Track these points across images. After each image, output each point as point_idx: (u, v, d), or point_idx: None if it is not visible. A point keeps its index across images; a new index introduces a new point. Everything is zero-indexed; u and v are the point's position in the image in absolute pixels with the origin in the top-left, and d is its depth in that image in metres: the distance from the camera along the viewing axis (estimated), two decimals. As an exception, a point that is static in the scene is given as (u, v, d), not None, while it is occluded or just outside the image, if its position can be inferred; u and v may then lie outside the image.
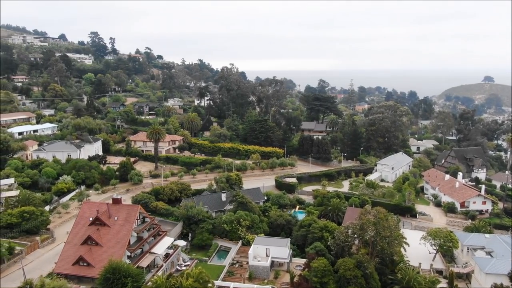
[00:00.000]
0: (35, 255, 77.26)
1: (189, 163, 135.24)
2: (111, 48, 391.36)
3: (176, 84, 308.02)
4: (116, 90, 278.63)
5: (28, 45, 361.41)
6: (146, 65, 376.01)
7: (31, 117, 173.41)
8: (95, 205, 71.26)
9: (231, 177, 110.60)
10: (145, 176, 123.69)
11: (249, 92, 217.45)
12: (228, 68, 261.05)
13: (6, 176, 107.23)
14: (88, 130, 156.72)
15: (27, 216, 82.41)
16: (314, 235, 79.74)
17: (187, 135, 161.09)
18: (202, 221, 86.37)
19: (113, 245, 65.15)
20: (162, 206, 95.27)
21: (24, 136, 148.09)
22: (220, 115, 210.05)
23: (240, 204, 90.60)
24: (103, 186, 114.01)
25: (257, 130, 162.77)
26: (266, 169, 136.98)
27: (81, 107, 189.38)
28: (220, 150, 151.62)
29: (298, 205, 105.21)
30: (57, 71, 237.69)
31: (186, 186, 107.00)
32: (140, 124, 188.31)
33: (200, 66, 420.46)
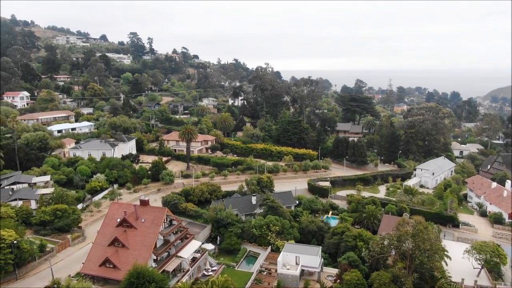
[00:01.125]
0: (66, 253, 77.92)
1: (221, 164, 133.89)
2: (149, 48, 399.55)
3: (211, 84, 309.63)
4: (153, 89, 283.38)
5: (71, 45, 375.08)
6: (182, 65, 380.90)
7: (70, 116, 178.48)
8: (123, 206, 70.70)
9: (262, 180, 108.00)
10: (176, 176, 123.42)
11: (284, 92, 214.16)
12: (262, 67, 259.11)
13: (43, 173, 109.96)
14: (123, 129, 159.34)
15: (59, 214, 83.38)
16: (347, 244, 75.70)
17: (220, 135, 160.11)
18: (231, 224, 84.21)
19: (139, 247, 64.15)
20: (192, 208, 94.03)
21: (63, 134, 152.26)
22: (254, 115, 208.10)
23: (270, 208, 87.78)
24: (135, 185, 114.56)
25: (290, 131, 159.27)
26: (299, 172, 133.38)
27: (118, 106, 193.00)
28: (252, 151, 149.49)
29: (331, 211, 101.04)
30: (96, 71, 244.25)
31: (216, 188, 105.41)
32: (174, 123, 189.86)
33: (235, 66, 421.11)
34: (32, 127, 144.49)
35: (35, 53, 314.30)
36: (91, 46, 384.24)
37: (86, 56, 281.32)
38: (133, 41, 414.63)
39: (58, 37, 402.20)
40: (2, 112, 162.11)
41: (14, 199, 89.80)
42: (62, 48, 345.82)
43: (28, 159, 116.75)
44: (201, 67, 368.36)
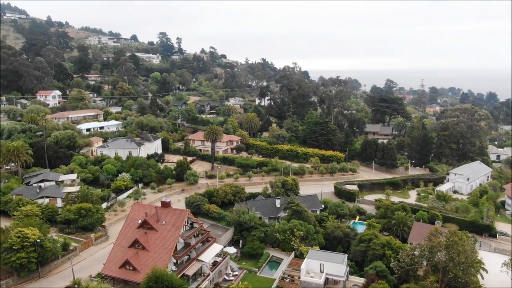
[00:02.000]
0: (88, 253, 78.10)
1: (246, 165, 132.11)
2: (178, 47, 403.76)
3: (238, 83, 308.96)
4: (180, 89, 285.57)
5: (102, 45, 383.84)
6: (210, 64, 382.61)
7: (99, 114, 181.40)
8: (144, 207, 69.89)
9: (287, 182, 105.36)
10: (200, 177, 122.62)
11: (311, 92, 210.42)
12: (290, 67, 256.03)
13: (71, 171, 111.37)
14: (150, 128, 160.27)
15: (83, 212, 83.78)
16: (374, 252, 72.07)
17: (245, 135, 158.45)
18: (254, 228, 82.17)
19: (160, 250, 63.02)
20: (215, 210, 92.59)
21: (91, 133, 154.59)
22: (280, 115, 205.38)
23: (294, 212, 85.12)
24: (160, 185, 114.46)
25: (317, 132, 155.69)
26: (325, 174, 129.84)
27: (145, 105, 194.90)
28: (278, 152, 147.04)
29: (358, 216, 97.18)
30: (125, 70, 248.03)
31: (240, 189, 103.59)
32: (200, 123, 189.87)
33: (262, 65, 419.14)
34: (62, 126, 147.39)
35: (68, 53, 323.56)
36: (121, 46, 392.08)
37: (116, 56, 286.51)
38: (162, 41, 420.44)
39: (90, 37, 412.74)
40: (35, 110, 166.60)
41: (41, 197, 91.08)
42: (94, 48, 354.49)
43: (56, 157, 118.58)
44: (229, 67, 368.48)
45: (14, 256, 62.68)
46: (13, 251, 62.93)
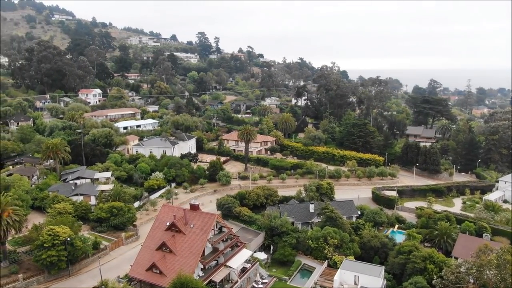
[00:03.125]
0: (118, 252, 77.84)
1: (279, 167, 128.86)
2: (215, 47, 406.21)
3: (274, 83, 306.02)
4: (217, 88, 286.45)
5: (143, 45, 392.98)
6: (247, 64, 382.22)
7: (136, 113, 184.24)
8: (173, 209, 68.46)
9: (322, 186, 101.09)
10: (233, 177, 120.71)
11: (349, 92, 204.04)
12: (328, 66, 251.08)
13: (106, 169, 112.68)
14: (185, 127, 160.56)
15: (115, 211, 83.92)
16: (415, 266, 66.88)
17: (280, 136, 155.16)
18: (285, 233, 78.94)
19: (187, 254, 61.23)
20: (246, 213, 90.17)
21: (128, 131, 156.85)
22: (317, 116, 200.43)
23: (328, 219, 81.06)
24: (192, 185, 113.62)
25: (355, 134, 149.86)
26: (363, 178, 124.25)
27: (182, 104, 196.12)
28: (313, 154, 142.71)
29: (397, 225, 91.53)
30: (163, 69, 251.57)
31: (273, 192, 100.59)
32: (235, 122, 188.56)
33: (300, 65, 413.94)
34: (100, 124, 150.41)
35: (110, 53, 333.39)
36: (161, 46, 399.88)
37: (155, 56, 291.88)
38: (201, 41, 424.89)
39: (132, 37, 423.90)
40: (76, 108, 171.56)
41: (75, 194, 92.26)
42: (135, 48, 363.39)
43: (93, 155, 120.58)
44: (266, 66, 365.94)
45: (45, 254, 62.97)
46: (44, 249, 63.24)
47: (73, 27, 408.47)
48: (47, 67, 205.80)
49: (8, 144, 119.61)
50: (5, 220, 63.93)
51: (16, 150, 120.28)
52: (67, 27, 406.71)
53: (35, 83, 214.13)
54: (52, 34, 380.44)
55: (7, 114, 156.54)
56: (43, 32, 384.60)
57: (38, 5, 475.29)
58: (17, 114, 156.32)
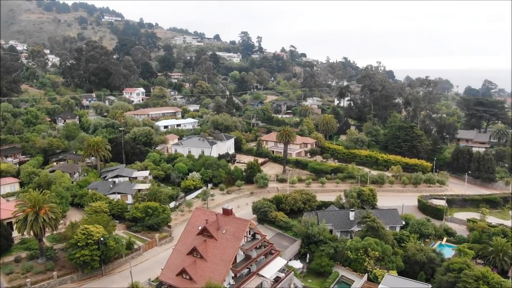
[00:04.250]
0: (152, 253, 77.04)
1: (319, 170, 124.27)
2: (258, 46, 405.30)
3: (317, 83, 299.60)
4: (258, 88, 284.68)
5: (187, 45, 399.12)
6: (289, 63, 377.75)
7: (177, 112, 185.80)
8: (206, 213, 66.35)
9: (363, 192, 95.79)
10: (271, 180, 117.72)
11: (395, 93, 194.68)
12: (373, 66, 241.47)
13: (145, 167, 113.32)
14: (225, 127, 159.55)
15: (150, 211, 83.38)
16: (466, 286, 60.57)
17: (321, 138, 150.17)
18: (323, 242, 74.86)
19: (218, 261, 58.84)
20: (282, 218, 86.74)
21: (168, 130, 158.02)
22: (360, 117, 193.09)
23: (370, 228, 75.98)
24: (228, 186, 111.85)
25: (400, 137, 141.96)
26: (408, 185, 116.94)
27: (222, 103, 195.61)
28: (355, 157, 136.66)
29: (446, 237, 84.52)
30: (205, 69, 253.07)
31: (311, 197, 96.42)
32: (275, 123, 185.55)
33: (343, 65, 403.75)
34: (142, 122, 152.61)
35: (155, 53, 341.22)
36: (204, 45, 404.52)
37: (198, 55, 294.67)
38: (243, 40, 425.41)
39: (176, 37, 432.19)
40: (119, 106, 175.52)
41: (113, 192, 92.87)
42: (179, 48, 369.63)
43: (133, 153, 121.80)
44: (308, 66, 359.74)
45: (78, 252, 62.96)
46: (78, 248, 63.23)
47: (121, 27, 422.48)
48: (94, 67, 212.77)
49: (53, 141, 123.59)
50: (41, 217, 64.58)
51: (61, 147, 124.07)
52: (115, 27, 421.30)
53: (83, 82, 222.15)
54: (102, 35, 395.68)
55: (56, 111, 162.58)
56: (94, 33, 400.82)
57: (90, 7, 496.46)
58: (64, 112, 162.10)
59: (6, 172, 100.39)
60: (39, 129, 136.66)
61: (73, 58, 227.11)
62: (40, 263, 67.66)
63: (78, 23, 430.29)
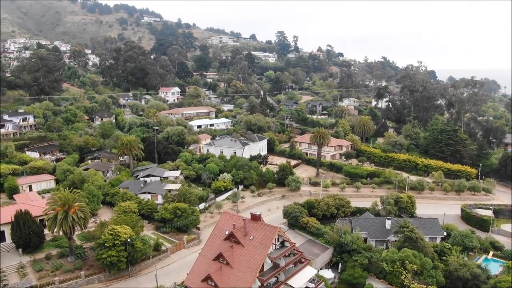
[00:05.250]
0: (179, 255, 75.89)
1: (354, 174, 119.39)
2: (294, 46, 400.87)
3: (354, 83, 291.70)
4: (293, 88, 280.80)
5: (223, 45, 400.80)
6: (326, 63, 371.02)
7: (211, 112, 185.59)
8: (234, 218, 64.11)
9: (401, 199, 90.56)
10: (303, 183, 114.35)
11: (438, 94, 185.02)
12: (414, 66, 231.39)
13: (176, 167, 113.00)
14: (258, 127, 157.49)
15: (179, 213, 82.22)
16: (516, 308, 55.06)
17: (356, 140, 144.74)
18: (356, 252, 71.05)
19: (244, 269, 56.44)
20: (314, 224, 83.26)
21: (201, 130, 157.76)
22: (399, 119, 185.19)
23: (407, 239, 71.12)
24: (260, 188, 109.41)
25: (443, 141, 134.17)
26: (450, 192, 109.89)
27: (256, 103, 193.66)
28: (393, 161, 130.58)
29: (492, 251, 77.99)
30: (240, 69, 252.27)
31: (345, 203, 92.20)
32: (309, 124, 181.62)
33: (382, 64, 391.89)
34: (175, 122, 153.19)
35: (192, 52, 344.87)
36: (240, 45, 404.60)
37: (233, 55, 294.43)
38: (279, 40, 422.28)
39: (213, 37, 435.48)
40: (154, 106, 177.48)
41: (144, 192, 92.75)
42: (215, 48, 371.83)
43: (165, 153, 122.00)
44: (345, 66, 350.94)
45: (105, 253, 62.58)
46: (105, 248, 62.87)
47: (160, 28, 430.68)
48: (131, 66, 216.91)
49: (89, 139, 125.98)
50: (71, 216, 64.75)
51: (96, 145, 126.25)
52: (154, 28, 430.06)
53: (121, 81, 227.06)
54: (141, 35, 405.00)
55: (93, 110, 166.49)
56: (133, 33, 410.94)
57: (131, 9, 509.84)
58: (101, 111, 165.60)
59: (43, 169, 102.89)
60: (77, 127, 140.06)
61: (112, 58, 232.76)
62: (70, 261, 68.00)
63: (118, 24, 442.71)
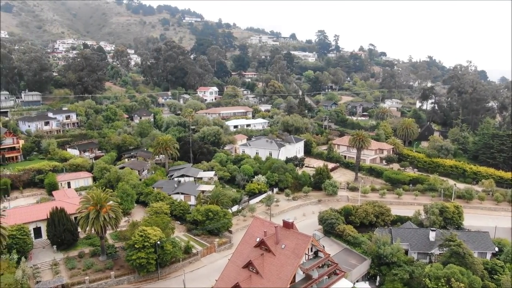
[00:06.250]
0: (209, 259, 74.20)
1: (396, 179, 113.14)
2: (335, 45, 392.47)
3: (397, 84, 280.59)
4: (333, 88, 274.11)
5: (262, 44, 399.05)
6: (367, 63, 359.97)
7: (248, 112, 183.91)
8: (265, 224, 61.31)
9: (447, 209, 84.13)
10: (341, 187, 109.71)
11: (489, 96, 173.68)
12: (463, 66, 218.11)
13: (211, 168, 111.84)
14: (295, 128, 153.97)
15: (211, 215, 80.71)
16: None
17: (399, 144, 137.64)
18: (396, 265, 66.23)
19: (274, 279, 53.53)
20: (350, 232, 78.94)
21: (238, 130, 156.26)
22: (445, 122, 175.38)
23: (454, 254, 65.38)
24: (295, 192, 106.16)
25: (494, 147, 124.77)
26: (502, 203, 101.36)
27: (293, 104, 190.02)
28: (439, 167, 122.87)
29: (552, 271, 70.31)
30: (279, 68, 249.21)
31: (385, 210, 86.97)
32: (349, 125, 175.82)
33: (428, 64, 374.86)
34: (212, 121, 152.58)
35: (231, 52, 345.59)
36: (280, 44, 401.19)
37: (272, 54, 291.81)
38: (320, 39, 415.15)
39: (252, 37, 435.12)
40: (192, 105, 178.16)
41: (177, 192, 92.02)
42: (254, 47, 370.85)
43: (201, 153, 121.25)
44: (388, 65, 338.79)
45: (135, 255, 61.83)
46: (135, 250, 62.12)
47: (200, 28, 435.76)
48: (171, 66, 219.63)
49: (126, 137, 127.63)
50: (102, 216, 64.56)
51: (133, 144, 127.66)
52: (195, 28, 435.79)
53: (161, 80, 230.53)
54: (182, 35, 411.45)
55: (133, 108, 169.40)
56: (175, 34, 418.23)
57: (173, 9, 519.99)
58: (140, 110, 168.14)
59: (81, 167, 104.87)
60: (116, 126, 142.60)
61: (152, 58, 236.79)
62: (101, 260, 68.05)
63: (161, 25, 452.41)
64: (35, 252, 70.27)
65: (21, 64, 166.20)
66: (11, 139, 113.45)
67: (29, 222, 71.05)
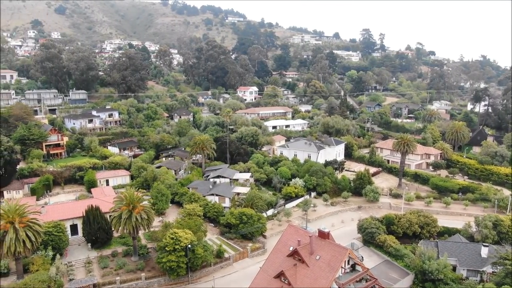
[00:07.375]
0: (242, 265, 71.90)
1: (443, 187, 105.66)
2: (380, 44, 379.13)
3: (446, 84, 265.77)
4: (377, 89, 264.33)
5: (304, 44, 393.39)
6: (415, 62, 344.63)
7: (287, 112, 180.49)
8: (299, 232, 58.11)
9: (502, 222, 76.81)
10: (383, 194, 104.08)
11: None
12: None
13: (247, 169, 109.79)
14: (335, 130, 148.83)
15: (245, 219, 78.39)
16: None
17: (447, 149, 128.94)
18: (442, 282, 60.65)
19: (307, 292, 50.26)
20: (392, 243, 73.89)
21: (276, 131, 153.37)
22: (500, 126, 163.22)
23: (510, 274, 58.82)
24: (333, 197, 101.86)
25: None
26: None
27: (335, 105, 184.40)
28: (492, 175, 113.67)
29: None
30: (320, 68, 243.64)
31: (431, 221, 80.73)
32: (393, 128, 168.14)
33: (481, 64, 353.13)
34: (251, 121, 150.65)
35: (273, 52, 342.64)
36: (322, 44, 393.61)
37: (314, 54, 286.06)
38: (364, 38, 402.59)
39: (294, 36, 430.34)
40: (231, 105, 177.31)
41: (212, 194, 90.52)
42: (296, 47, 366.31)
43: (238, 153, 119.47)
44: (437, 65, 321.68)
45: (165, 257, 60.64)
46: (166, 252, 60.94)
47: (243, 27, 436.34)
48: (212, 65, 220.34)
49: (165, 136, 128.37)
50: (134, 216, 63.97)
51: (171, 143, 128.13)
52: (237, 28, 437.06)
53: (202, 80, 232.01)
54: (224, 35, 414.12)
55: (173, 108, 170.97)
56: (217, 33, 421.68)
57: (216, 9, 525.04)
58: (180, 109, 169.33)
59: (120, 165, 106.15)
60: (156, 124, 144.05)
61: (194, 57, 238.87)
62: (133, 260, 67.61)
63: (204, 25, 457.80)
64: (71, 249, 71.04)
65: (70, 64, 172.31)
66: (56, 136, 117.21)
67: (66, 219, 71.97)
